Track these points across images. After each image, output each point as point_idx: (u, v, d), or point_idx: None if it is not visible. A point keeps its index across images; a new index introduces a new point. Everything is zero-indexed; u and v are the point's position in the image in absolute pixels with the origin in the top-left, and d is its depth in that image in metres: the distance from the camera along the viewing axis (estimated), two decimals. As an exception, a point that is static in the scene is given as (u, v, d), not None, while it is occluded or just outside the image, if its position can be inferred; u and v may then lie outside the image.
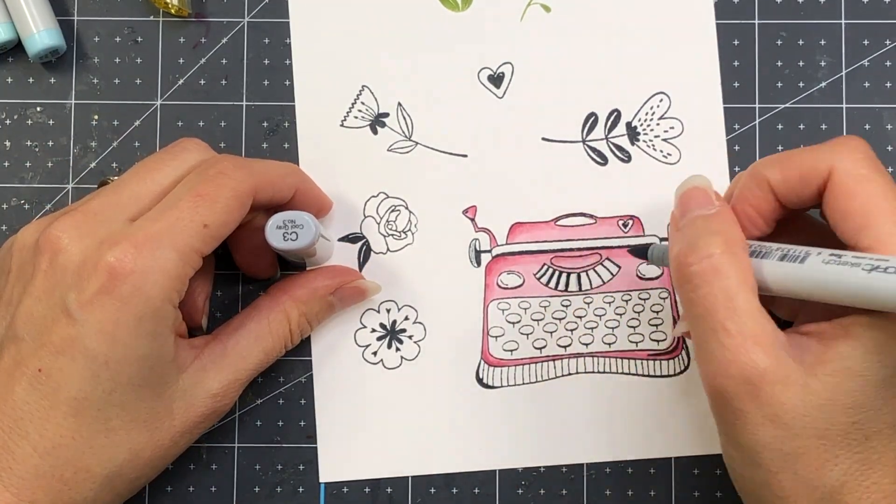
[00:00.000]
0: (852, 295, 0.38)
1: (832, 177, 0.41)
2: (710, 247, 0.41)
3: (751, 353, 0.39)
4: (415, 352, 0.50)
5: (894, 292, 0.36)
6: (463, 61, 0.51)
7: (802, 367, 0.39)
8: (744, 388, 0.39)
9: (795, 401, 0.39)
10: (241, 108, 0.51)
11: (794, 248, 0.41)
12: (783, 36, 0.51)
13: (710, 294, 0.40)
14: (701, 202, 0.43)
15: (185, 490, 0.50)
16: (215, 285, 0.50)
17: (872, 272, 0.37)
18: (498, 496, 0.50)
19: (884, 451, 0.39)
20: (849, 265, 0.38)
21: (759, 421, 0.39)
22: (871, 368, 0.39)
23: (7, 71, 0.51)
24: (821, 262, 0.39)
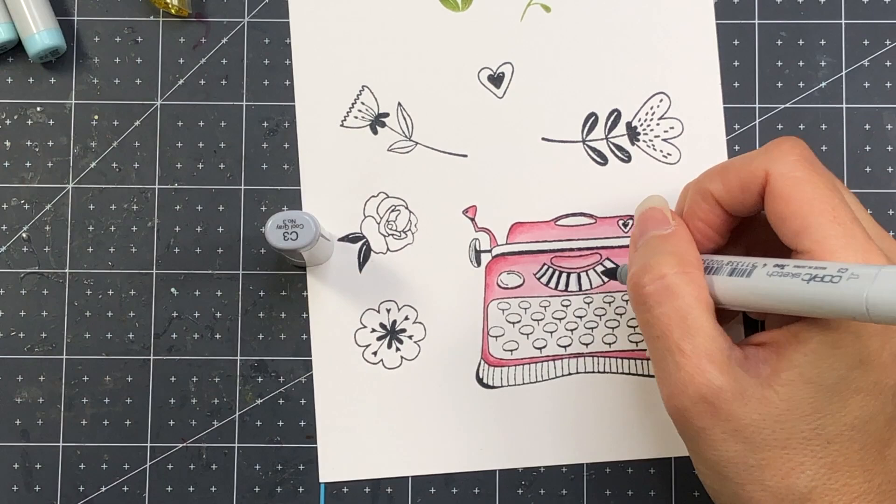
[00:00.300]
0: (796, 305, 0.38)
1: (768, 182, 0.41)
2: (663, 267, 0.41)
3: (706, 372, 0.40)
4: (415, 352, 0.50)
5: (833, 301, 0.36)
6: (463, 61, 0.51)
7: (758, 379, 0.40)
8: (702, 406, 0.40)
9: (754, 415, 0.39)
10: (241, 108, 0.51)
11: (743, 260, 0.41)
12: (783, 36, 0.51)
13: (665, 315, 0.41)
14: (657, 222, 0.44)
15: (185, 490, 0.50)
16: (215, 286, 0.51)
17: (811, 282, 0.37)
18: (498, 496, 0.50)
19: (848, 453, 0.39)
20: (790, 276, 0.38)
21: (721, 437, 0.40)
22: (824, 374, 0.39)
23: (7, 71, 0.51)
24: (765, 275, 0.39)
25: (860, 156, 0.51)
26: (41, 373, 0.50)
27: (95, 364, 0.50)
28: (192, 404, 0.50)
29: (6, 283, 0.51)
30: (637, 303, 0.42)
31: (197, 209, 0.51)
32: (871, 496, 0.40)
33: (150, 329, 0.50)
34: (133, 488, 0.50)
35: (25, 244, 0.51)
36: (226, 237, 0.51)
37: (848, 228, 0.39)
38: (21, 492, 0.50)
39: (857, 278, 0.36)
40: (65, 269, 0.51)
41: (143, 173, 0.51)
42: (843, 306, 0.36)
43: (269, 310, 0.51)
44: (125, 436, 0.50)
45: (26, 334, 0.50)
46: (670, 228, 0.43)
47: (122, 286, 0.51)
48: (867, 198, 0.51)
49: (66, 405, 0.50)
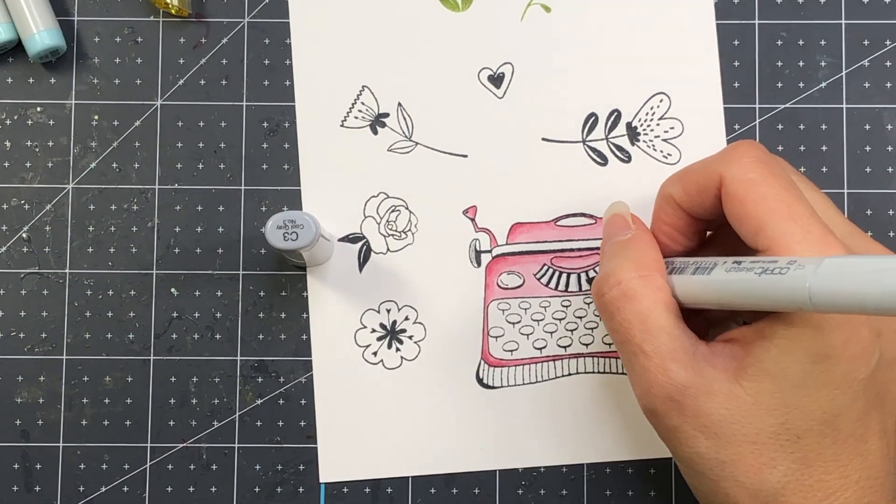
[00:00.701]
0: (749, 299, 0.39)
1: (723, 185, 0.41)
2: (619, 273, 0.42)
3: (669, 371, 0.40)
4: (415, 352, 0.50)
5: (783, 292, 0.36)
6: (463, 61, 0.51)
7: (726, 375, 0.40)
8: (670, 404, 0.40)
9: (721, 410, 0.40)
10: (241, 108, 0.51)
11: (707, 260, 0.41)
12: (783, 36, 0.51)
13: (625, 320, 0.41)
14: (618, 228, 0.45)
15: (185, 490, 0.50)
16: (215, 286, 0.51)
17: (762, 275, 0.37)
18: (498, 496, 0.50)
19: (819, 448, 0.39)
20: (744, 270, 0.38)
21: (692, 434, 0.40)
22: (788, 368, 0.39)
23: (7, 71, 0.51)
24: (724, 272, 0.40)
25: (860, 156, 0.51)
26: (41, 373, 0.50)
27: (95, 364, 0.50)
28: (192, 404, 0.50)
29: (6, 283, 0.51)
30: (600, 310, 0.43)
31: (197, 209, 0.51)
32: (848, 492, 0.40)
33: (150, 329, 0.50)
34: (133, 488, 0.50)
35: (25, 244, 0.51)
36: (226, 237, 0.51)
37: (804, 224, 0.39)
38: (21, 492, 0.50)
39: (803, 268, 0.36)
40: (65, 270, 0.51)
41: (143, 173, 0.51)
42: (790, 297, 0.36)
43: (269, 310, 0.51)
44: (125, 436, 0.50)
45: (26, 334, 0.50)
46: (630, 233, 0.44)
47: (122, 286, 0.51)
48: (867, 198, 0.51)
49: (66, 405, 0.50)
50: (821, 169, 0.51)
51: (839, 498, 0.39)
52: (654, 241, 0.44)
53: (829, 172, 0.51)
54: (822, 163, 0.51)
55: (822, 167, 0.51)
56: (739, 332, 0.41)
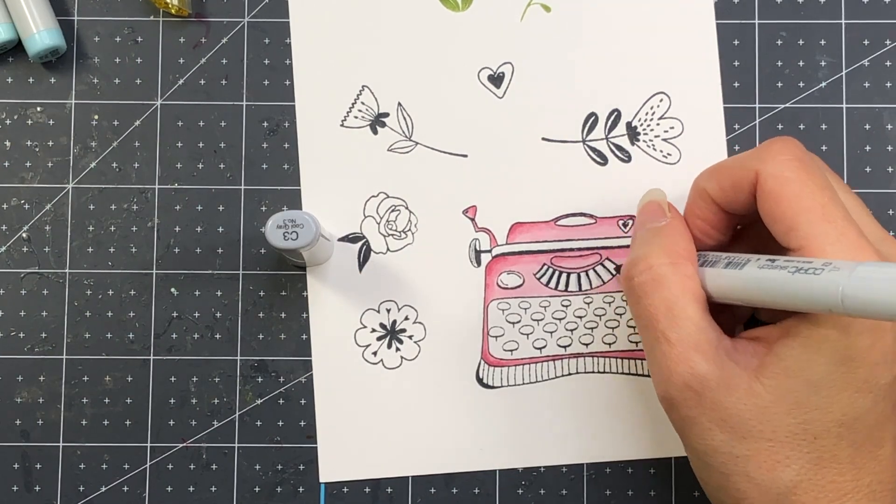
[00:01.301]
0: (781, 297, 0.38)
1: (758, 182, 0.41)
2: (651, 258, 0.42)
3: (691, 360, 0.40)
4: (415, 352, 0.50)
5: (815, 293, 0.36)
6: (463, 61, 0.51)
7: (747, 371, 0.40)
8: (688, 394, 0.40)
9: (740, 405, 0.39)
10: (241, 108, 0.51)
11: (739, 256, 0.41)
12: (783, 36, 0.51)
13: (652, 305, 0.41)
14: (653, 215, 0.45)
15: (185, 490, 0.50)
16: (215, 286, 0.51)
17: (796, 273, 0.37)
18: (498, 496, 0.50)
19: (835, 449, 0.39)
20: (777, 268, 0.38)
21: (707, 426, 0.40)
22: (810, 368, 0.39)
23: (7, 71, 0.51)
24: (756, 268, 0.40)
25: (860, 156, 0.51)
26: (41, 373, 0.50)
27: (95, 364, 0.50)
28: (192, 404, 0.50)
29: (6, 283, 0.51)
30: (628, 294, 0.43)
31: (197, 209, 0.51)
32: (859, 494, 0.39)
33: (150, 329, 0.50)
34: (133, 488, 0.50)
35: (25, 244, 0.51)
36: (226, 237, 0.51)
37: (838, 226, 0.39)
38: (21, 492, 0.50)
39: (838, 271, 0.36)
40: (65, 269, 0.51)
41: (143, 173, 0.51)
42: (821, 297, 0.36)
43: (269, 310, 0.51)
44: (125, 436, 0.50)
45: (26, 334, 0.50)
46: (665, 221, 0.44)
47: (122, 286, 0.51)
48: (867, 198, 0.51)
49: (66, 405, 0.50)
50: (821, 169, 0.51)
51: (850, 500, 0.39)
52: (688, 230, 0.44)
53: (829, 172, 0.51)
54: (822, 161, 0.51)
55: (822, 167, 0.51)
56: (764, 331, 0.41)
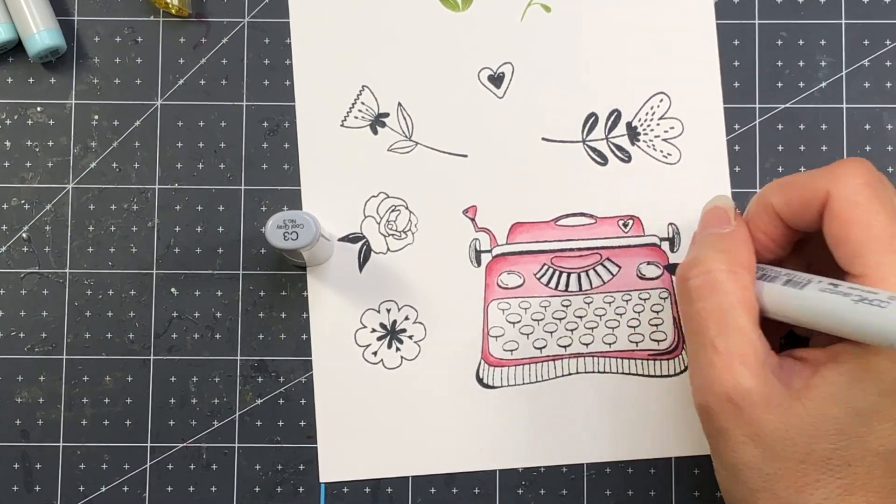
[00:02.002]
0: (839, 323, 0.38)
1: (829, 203, 0.40)
2: (710, 262, 0.41)
3: (736, 372, 0.40)
4: (415, 352, 0.50)
5: (876, 325, 0.36)
6: (463, 61, 0.51)
7: (789, 390, 0.39)
8: (727, 405, 0.40)
9: (777, 423, 0.39)
10: (241, 108, 0.51)
11: (800, 274, 0.41)
12: (783, 36, 0.51)
13: (704, 310, 0.41)
14: (718, 220, 0.44)
15: (185, 490, 0.50)
16: (215, 286, 0.51)
17: (859, 303, 0.37)
18: (498, 496, 0.50)
19: (867, 478, 0.39)
20: (840, 294, 0.38)
21: (741, 440, 0.40)
22: (855, 396, 0.39)
23: (7, 71, 0.51)
24: (817, 290, 0.39)
25: (860, 156, 0.51)
26: (41, 373, 0.50)
27: (95, 364, 0.50)
28: (192, 404, 0.50)
29: (6, 283, 0.51)
30: (681, 295, 0.42)
31: (197, 209, 0.51)
32: None
33: (150, 329, 0.50)
34: (133, 488, 0.50)
35: (25, 244, 0.51)
36: (226, 237, 0.51)
37: None
38: (21, 492, 0.50)
39: None
40: (65, 269, 0.51)
41: (143, 173, 0.51)
42: (883, 331, 0.36)
43: (269, 310, 0.51)
44: (125, 436, 0.50)
45: (26, 334, 0.50)
46: (729, 228, 0.43)
47: (122, 286, 0.51)
48: (867, 198, 0.51)
49: (66, 405, 0.50)
50: (821, 169, 0.51)
51: None
52: (750, 241, 0.43)
53: (829, 172, 0.51)
54: (822, 163, 0.51)
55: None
56: (811, 353, 0.41)
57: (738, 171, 0.51)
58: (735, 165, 0.51)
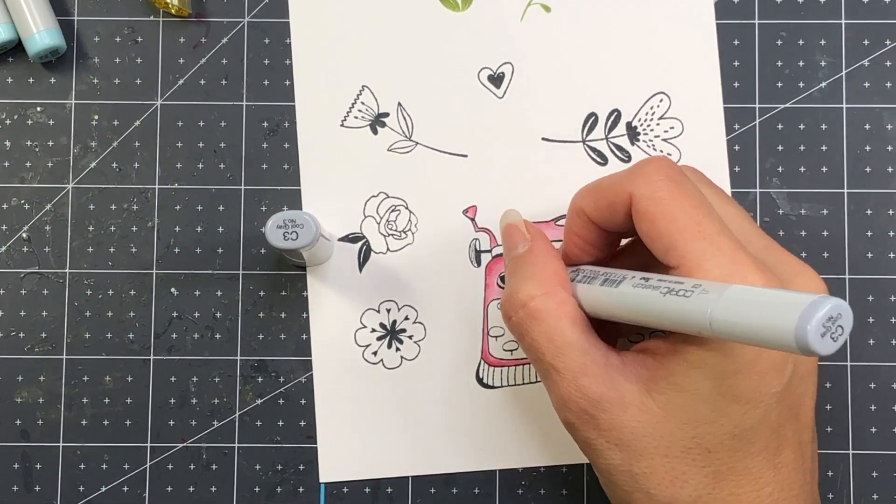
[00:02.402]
0: (653, 317, 0.38)
1: (633, 203, 0.41)
2: (521, 294, 0.42)
3: (582, 386, 0.40)
4: (415, 352, 0.50)
5: (685, 315, 0.36)
6: (463, 61, 0.51)
7: (638, 386, 0.40)
8: (584, 417, 0.40)
9: (633, 422, 0.40)
10: (241, 108, 0.51)
11: (616, 272, 0.41)
12: (783, 36, 0.51)
13: (534, 341, 0.41)
14: (514, 241, 0.45)
15: (185, 490, 0.50)
16: (215, 286, 0.51)
17: (667, 295, 0.37)
18: (498, 496, 0.50)
19: (731, 462, 0.39)
20: (650, 288, 0.38)
21: (606, 447, 0.40)
22: (696, 382, 0.39)
23: (7, 71, 0.51)
24: (631, 286, 0.40)
25: (860, 156, 0.51)
26: (41, 373, 0.50)
27: (95, 364, 0.50)
28: (192, 404, 0.50)
29: (6, 283, 0.51)
30: (511, 332, 0.43)
31: (197, 209, 0.51)
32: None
33: (150, 329, 0.50)
34: (133, 488, 0.50)
35: (25, 244, 0.51)
36: (226, 237, 0.51)
37: (714, 242, 0.39)
38: (21, 492, 0.50)
39: (707, 293, 0.36)
40: (65, 269, 0.51)
41: (143, 173, 0.51)
42: (690, 320, 0.36)
43: (269, 310, 0.51)
44: (125, 436, 0.50)
45: (26, 334, 0.50)
46: (525, 245, 0.44)
47: (122, 286, 0.51)
48: (867, 198, 0.51)
49: (66, 405, 0.50)
50: (821, 169, 0.51)
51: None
52: (552, 250, 0.44)
53: (829, 172, 0.51)
54: (822, 163, 0.51)
55: (822, 167, 0.51)
56: (653, 344, 0.41)
57: (737, 171, 0.51)
58: (735, 165, 0.51)
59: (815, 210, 0.51)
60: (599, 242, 0.44)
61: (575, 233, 0.44)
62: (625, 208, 0.41)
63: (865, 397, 0.50)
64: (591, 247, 0.44)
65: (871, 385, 0.50)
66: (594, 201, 0.43)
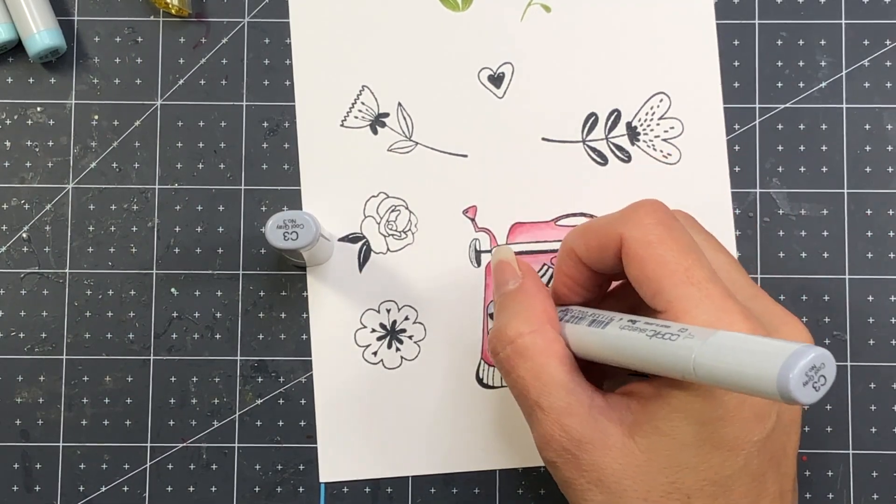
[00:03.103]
0: (639, 360, 0.38)
1: (623, 246, 0.41)
2: (509, 330, 0.42)
3: (565, 426, 0.40)
4: (415, 352, 0.50)
5: (670, 358, 0.36)
6: (463, 61, 0.51)
7: (621, 429, 0.40)
8: (567, 457, 0.40)
9: (615, 464, 0.39)
10: (241, 108, 0.51)
11: (605, 314, 0.41)
12: (783, 36, 0.51)
13: (520, 377, 0.41)
14: (505, 277, 0.44)
15: (185, 490, 0.50)
16: (215, 286, 0.51)
17: (653, 338, 0.37)
18: (498, 496, 0.50)
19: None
20: (637, 331, 0.38)
21: (586, 487, 0.40)
22: (679, 428, 0.39)
23: (7, 71, 0.51)
24: (618, 328, 0.39)
25: (860, 156, 0.51)
26: (41, 373, 0.50)
27: (95, 364, 0.50)
28: (192, 404, 0.50)
29: (6, 283, 0.51)
30: (497, 366, 0.43)
31: (197, 209, 0.51)
32: None
33: (150, 329, 0.50)
34: (133, 488, 0.50)
35: (25, 244, 0.51)
36: (226, 237, 0.51)
37: (702, 288, 0.39)
38: (21, 492, 0.50)
39: (692, 338, 0.36)
40: (65, 269, 0.51)
41: (143, 173, 0.51)
42: (675, 363, 0.36)
43: (269, 310, 0.51)
44: (125, 436, 0.50)
45: (26, 334, 0.50)
46: (516, 283, 0.44)
47: (122, 286, 0.51)
48: (867, 198, 0.51)
49: (66, 405, 0.50)
50: (821, 169, 0.51)
51: None
52: (542, 288, 0.44)
53: (829, 172, 0.51)
54: (822, 163, 0.51)
55: (822, 167, 0.51)
56: (637, 387, 0.41)
57: (737, 171, 0.51)
58: (735, 165, 0.51)
59: (815, 210, 0.51)
60: (589, 284, 0.44)
61: (565, 273, 0.44)
62: (615, 250, 0.41)
63: (865, 397, 0.50)
64: (581, 287, 0.44)
65: (871, 385, 0.50)
66: (585, 242, 0.42)
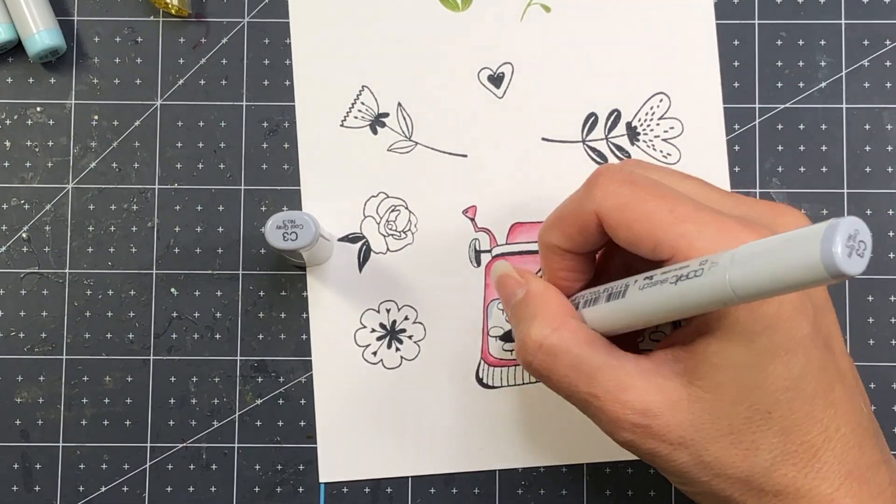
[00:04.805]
0: (673, 310, 0.38)
1: (603, 220, 0.40)
2: (533, 337, 0.41)
3: (625, 402, 0.40)
4: (415, 352, 0.50)
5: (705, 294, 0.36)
6: (463, 61, 0.51)
7: (679, 380, 0.40)
8: (640, 431, 0.40)
9: (688, 416, 0.39)
10: (241, 108, 0.51)
11: (617, 284, 0.41)
12: (783, 36, 0.51)
13: (561, 378, 0.41)
14: (511, 289, 0.44)
15: (185, 490, 0.50)
16: (215, 286, 0.51)
17: (679, 283, 0.37)
18: (498, 496, 0.50)
19: (792, 415, 0.39)
20: (659, 283, 0.38)
21: (670, 451, 0.40)
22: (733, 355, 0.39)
23: (7, 71, 0.51)
24: (638, 290, 0.39)
25: (860, 156, 0.51)
26: (41, 373, 0.50)
27: (95, 364, 0.50)
28: (192, 404, 0.50)
29: (6, 283, 0.51)
30: (535, 377, 0.42)
31: (197, 209, 0.51)
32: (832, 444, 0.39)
33: (150, 329, 0.50)
34: (133, 488, 0.50)
35: (25, 244, 0.51)
36: (226, 237, 0.51)
37: (694, 220, 0.39)
38: (21, 492, 0.50)
39: (717, 264, 0.35)
40: (65, 269, 0.51)
41: (143, 173, 0.51)
42: (712, 296, 0.35)
43: (269, 310, 0.51)
44: (125, 436, 0.50)
45: (26, 334, 0.50)
46: (524, 290, 0.43)
47: (122, 286, 0.51)
48: (867, 198, 0.51)
49: (66, 405, 0.50)
50: (821, 169, 0.51)
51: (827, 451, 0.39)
52: (549, 286, 0.43)
53: (829, 172, 0.51)
54: (822, 163, 0.51)
55: (822, 167, 0.51)
56: (674, 336, 0.41)
57: (737, 171, 0.51)
58: (735, 165, 0.51)
59: (815, 210, 0.51)
60: (581, 267, 0.44)
61: (555, 268, 0.43)
62: (596, 227, 0.41)
63: (865, 397, 0.50)
64: (577, 273, 0.44)
65: (871, 385, 0.50)
66: (563, 232, 0.42)
